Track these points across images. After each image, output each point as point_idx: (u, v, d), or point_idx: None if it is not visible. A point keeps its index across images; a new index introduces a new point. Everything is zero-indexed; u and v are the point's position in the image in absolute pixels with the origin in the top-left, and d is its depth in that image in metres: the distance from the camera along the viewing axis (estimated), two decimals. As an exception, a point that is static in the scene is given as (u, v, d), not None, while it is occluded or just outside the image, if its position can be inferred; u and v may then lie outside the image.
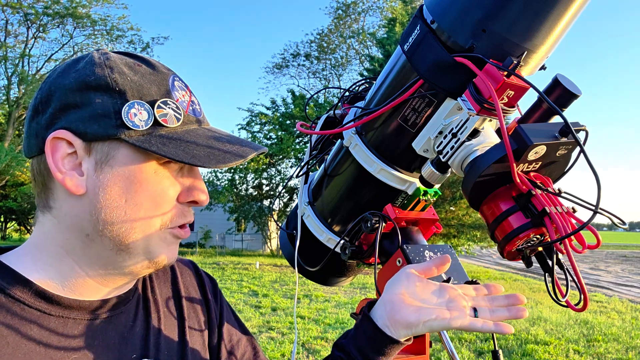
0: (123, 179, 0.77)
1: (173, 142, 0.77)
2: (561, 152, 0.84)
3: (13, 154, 24.87)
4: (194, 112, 0.83)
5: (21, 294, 0.77)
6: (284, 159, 23.70)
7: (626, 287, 16.18)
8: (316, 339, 7.31)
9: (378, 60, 19.19)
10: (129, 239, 0.78)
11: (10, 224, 38.23)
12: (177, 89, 0.82)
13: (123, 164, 0.77)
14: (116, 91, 0.76)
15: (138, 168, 0.77)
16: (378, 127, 1.05)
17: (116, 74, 0.77)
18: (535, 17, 0.82)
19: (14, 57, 28.12)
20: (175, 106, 0.80)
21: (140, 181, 0.77)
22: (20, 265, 0.80)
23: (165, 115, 0.78)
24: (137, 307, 0.89)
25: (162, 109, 0.78)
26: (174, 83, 0.82)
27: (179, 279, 1.01)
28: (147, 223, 0.79)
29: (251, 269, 16.88)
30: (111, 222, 0.77)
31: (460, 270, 1.03)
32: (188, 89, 0.84)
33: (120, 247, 0.79)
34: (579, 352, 7.12)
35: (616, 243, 79.65)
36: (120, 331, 0.84)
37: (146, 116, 0.77)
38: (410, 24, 0.94)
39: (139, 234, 0.79)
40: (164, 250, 0.82)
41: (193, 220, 0.85)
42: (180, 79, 0.85)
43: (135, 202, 0.77)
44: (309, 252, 1.24)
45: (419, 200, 1.08)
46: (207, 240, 30.20)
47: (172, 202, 0.81)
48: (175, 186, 0.81)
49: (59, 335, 0.77)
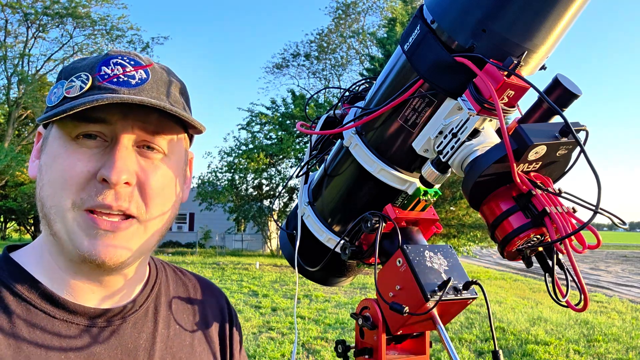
0: (49, 157, 0.79)
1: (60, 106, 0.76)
2: (561, 152, 0.84)
3: (13, 154, 24.86)
4: (115, 83, 0.78)
5: (29, 294, 0.78)
6: (284, 159, 23.70)
7: (626, 287, 16.18)
8: (316, 339, 7.31)
9: (378, 60, 19.19)
10: (51, 219, 0.77)
11: (10, 224, 38.23)
12: (110, 65, 0.80)
13: (50, 143, 0.80)
14: (59, 78, 0.81)
15: (56, 145, 0.78)
16: (378, 127, 1.05)
17: (67, 64, 0.84)
18: (535, 17, 0.82)
19: (14, 57, 28.12)
20: (86, 77, 0.78)
21: (54, 157, 0.78)
22: (29, 265, 0.81)
23: (71, 87, 0.78)
24: (145, 317, 0.88)
25: (72, 82, 0.79)
26: (108, 61, 0.80)
27: (199, 299, 1.00)
28: (58, 201, 0.76)
29: (251, 269, 16.88)
30: (42, 202, 0.78)
31: (460, 270, 1.03)
32: (136, 67, 0.80)
33: (51, 231, 0.78)
34: (579, 352, 7.11)
35: (616, 243, 79.66)
36: (124, 341, 0.83)
37: (60, 92, 0.79)
38: (411, 24, 0.94)
39: (55, 214, 0.76)
40: (84, 239, 0.76)
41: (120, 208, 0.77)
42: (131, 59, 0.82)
43: (50, 179, 0.78)
44: (309, 252, 1.24)
45: (419, 200, 1.08)
46: (207, 240, 30.20)
47: (80, 179, 0.76)
48: (87, 162, 0.76)
49: (62, 339, 0.77)
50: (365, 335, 1.06)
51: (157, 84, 0.82)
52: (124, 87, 0.78)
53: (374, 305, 1.05)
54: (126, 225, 0.78)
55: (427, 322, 1.00)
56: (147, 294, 0.90)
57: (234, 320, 1.06)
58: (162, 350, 0.87)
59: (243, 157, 22.64)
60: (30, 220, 34.34)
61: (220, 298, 1.07)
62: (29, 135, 31.24)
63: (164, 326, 0.90)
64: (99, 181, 0.76)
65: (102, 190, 0.75)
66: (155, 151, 0.82)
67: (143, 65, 0.81)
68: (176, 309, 0.95)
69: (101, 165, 0.76)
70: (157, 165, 0.82)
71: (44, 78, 30.48)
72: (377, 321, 1.03)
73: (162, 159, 0.83)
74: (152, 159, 0.82)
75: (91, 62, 0.81)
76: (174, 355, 0.88)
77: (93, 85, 0.77)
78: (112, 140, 0.78)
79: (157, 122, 0.81)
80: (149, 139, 0.81)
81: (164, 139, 0.83)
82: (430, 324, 0.99)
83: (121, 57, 0.81)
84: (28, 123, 32.39)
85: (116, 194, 0.76)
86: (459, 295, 0.98)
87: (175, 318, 0.93)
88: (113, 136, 0.78)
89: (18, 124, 30.17)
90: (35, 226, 33.93)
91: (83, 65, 0.81)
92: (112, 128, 0.78)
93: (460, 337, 7.58)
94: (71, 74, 0.80)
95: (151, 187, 0.80)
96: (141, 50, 29.37)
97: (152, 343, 0.86)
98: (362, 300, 1.09)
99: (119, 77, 0.78)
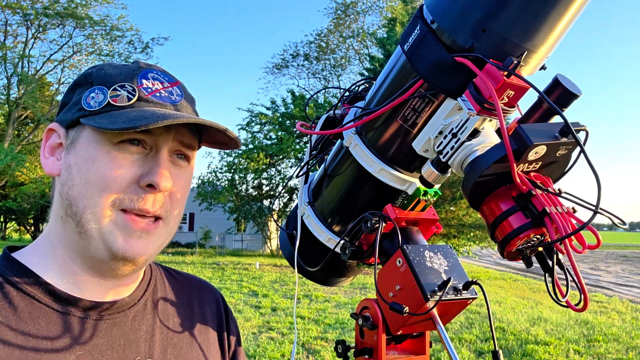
0: (81, 159, 0.81)
1: (112, 117, 0.79)
2: (561, 152, 0.84)
3: (13, 154, 24.87)
4: (159, 98, 0.84)
5: (31, 288, 0.80)
6: (284, 159, 23.70)
7: (626, 287, 16.18)
8: (316, 339, 7.31)
9: (378, 60, 19.19)
10: (83, 219, 0.80)
11: (10, 224, 38.23)
12: (149, 78, 0.85)
13: (83, 145, 0.82)
14: (89, 83, 0.84)
15: (93, 148, 0.81)
16: (378, 127, 1.05)
17: (96, 70, 0.85)
18: (535, 17, 0.82)
19: (13, 58, 28.11)
20: (131, 89, 0.83)
21: (93, 160, 0.80)
22: (31, 262, 0.83)
23: (117, 96, 0.82)
24: (144, 310, 0.91)
25: (116, 90, 0.82)
26: (147, 74, 0.85)
27: (194, 294, 1.04)
28: (96, 202, 0.79)
29: (251, 269, 16.88)
30: (71, 201, 0.81)
31: (460, 270, 1.03)
32: (171, 84, 0.87)
33: (80, 230, 0.81)
34: (579, 352, 7.12)
35: (616, 243, 79.69)
36: (125, 333, 0.86)
37: (102, 98, 0.82)
38: (410, 24, 0.94)
39: (90, 214, 0.79)
40: (118, 238, 0.80)
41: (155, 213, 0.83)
42: (164, 74, 0.88)
43: (87, 180, 0.80)
44: (309, 252, 1.24)
45: (419, 200, 1.08)
46: (207, 240, 30.21)
47: (123, 183, 0.80)
48: (130, 168, 0.81)
49: (65, 332, 0.79)
50: (365, 335, 1.06)
51: (188, 100, 0.89)
52: (169, 103, 0.85)
53: (374, 305, 1.05)
54: (156, 227, 0.84)
55: (427, 322, 1.00)
56: (144, 288, 0.93)
57: (229, 314, 1.09)
58: (163, 342, 0.90)
59: (243, 157, 22.64)
60: (30, 220, 34.33)
61: (215, 293, 1.10)
62: (28, 135, 31.23)
63: (162, 319, 0.93)
64: (143, 187, 0.81)
65: (142, 195, 0.81)
66: (185, 160, 0.89)
67: (175, 82, 0.89)
68: (173, 304, 0.98)
69: (143, 171, 0.81)
70: (182, 173, 0.88)
71: (44, 78, 30.48)
72: (377, 321, 1.03)
73: (187, 167, 0.90)
74: (180, 167, 0.88)
75: (128, 73, 0.85)
76: (174, 345, 0.92)
77: (140, 97, 0.83)
78: (151, 149, 0.83)
79: (189, 134, 0.88)
80: (183, 151, 0.88)
81: (192, 151, 0.91)
82: (430, 324, 0.99)
83: (155, 72, 0.87)
84: (28, 123, 32.40)
85: (154, 199, 0.82)
86: (459, 295, 0.98)
87: (173, 312, 0.96)
88: (153, 145, 0.83)
89: (18, 124, 30.16)
90: (35, 226, 33.94)
91: (119, 74, 0.85)
92: (155, 139, 0.83)
93: (460, 337, 7.58)
94: (107, 82, 0.83)
95: (177, 192, 0.87)
96: (141, 51, 29.38)
97: (152, 335, 0.89)
98: (362, 300, 1.09)
99: (161, 92, 0.85)
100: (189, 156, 0.90)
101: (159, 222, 0.84)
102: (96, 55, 29.21)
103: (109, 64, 0.88)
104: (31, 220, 34.45)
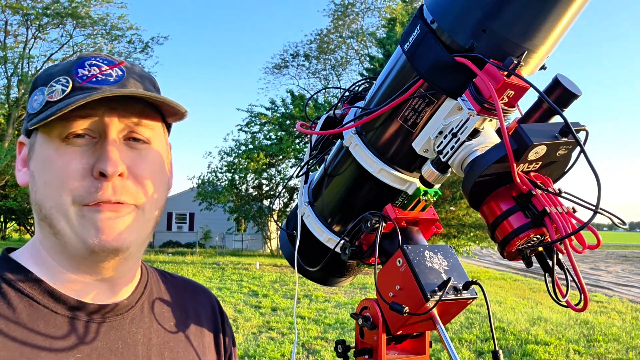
0: (39, 162, 0.81)
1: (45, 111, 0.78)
2: (561, 152, 0.84)
3: (13, 153, 24.86)
4: (95, 82, 0.81)
5: (30, 290, 0.80)
6: (284, 159, 23.70)
7: (626, 287, 16.18)
8: (316, 339, 7.31)
9: (378, 60, 19.19)
10: (53, 220, 0.79)
11: (10, 224, 38.23)
12: (85, 66, 0.83)
13: (37, 149, 0.82)
14: (35, 86, 0.83)
15: (45, 149, 0.81)
16: (378, 127, 1.05)
17: (41, 71, 0.85)
18: (535, 17, 0.82)
19: (14, 57, 28.11)
20: (65, 80, 0.81)
21: (46, 161, 0.80)
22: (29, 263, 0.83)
23: (53, 92, 0.81)
24: (141, 314, 0.91)
25: (52, 86, 0.81)
26: (83, 63, 0.83)
27: (189, 297, 1.04)
28: (58, 201, 0.79)
29: (251, 269, 16.88)
30: (39, 204, 0.81)
31: (460, 270, 1.03)
32: (111, 66, 0.84)
33: (54, 231, 0.80)
34: (579, 352, 7.12)
35: (616, 243, 79.64)
36: (123, 336, 0.85)
37: (41, 98, 0.81)
38: (410, 24, 0.94)
39: (57, 213, 0.79)
40: (90, 230, 0.78)
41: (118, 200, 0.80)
42: (104, 59, 0.85)
43: (45, 181, 0.80)
44: (309, 252, 1.24)
45: (419, 200, 1.08)
46: (207, 241, 30.19)
47: (76, 176, 0.78)
48: (80, 159, 0.79)
49: (64, 334, 0.79)
50: (365, 335, 1.06)
51: (134, 78, 0.86)
52: (105, 85, 0.81)
53: (374, 305, 1.05)
54: (127, 210, 0.81)
55: (427, 322, 1.00)
56: (141, 291, 0.93)
57: (225, 317, 1.09)
58: (160, 345, 0.90)
59: (243, 157, 22.65)
60: (30, 220, 34.33)
61: (209, 296, 1.10)
62: (29, 135, 31.14)
63: (160, 322, 0.93)
64: (96, 176, 0.78)
65: (99, 186, 0.78)
66: (141, 141, 0.85)
67: (116, 63, 0.85)
68: (169, 307, 0.97)
69: (94, 160, 0.79)
70: (144, 154, 0.85)
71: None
72: (377, 321, 1.03)
73: (148, 148, 0.86)
74: (139, 149, 0.85)
75: (66, 66, 0.84)
76: (171, 349, 0.91)
77: (74, 87, 0.80)
78: (100, 136, 0.81)
79: (139, 113, 0.84)
80: (134, 130, 0.84)
81: (147, 128, 0.86)
82: (430, 324, 0.99)
83: (94, 58, 0.85)
84: (28, 123, 32.33)
85: (113, 187, 0.79)
86: (459, 295, 0.98)
87: (170, 315, 0.96)
88: (101, 132, 0.81)
89: (18, 124, 30.13)
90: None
91: (58, 70, 0.84)
92: (99, 124, 0.80)
93: (460, 337, 7.58)
94: (48, 80, 0.82)
95: (142, 175, 0.84)
96: (141, 51, 29.39)
97: (149, 338, 0.89)
98: (362, 300, 1.09)
99: (97, 77, 0.82)
100: (147, 138, 0.86)
101: (129, 206, 0.81)
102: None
103: (54, 64, 0.87)
104: (31, 220, 34.40)
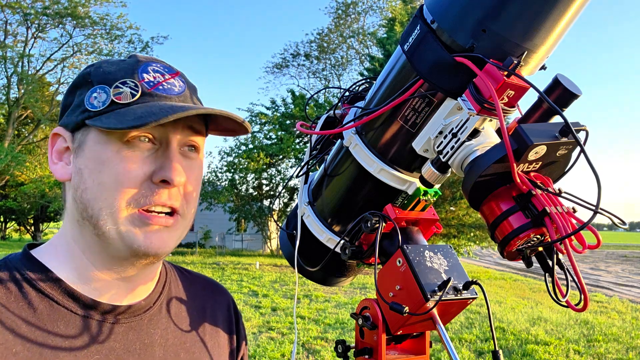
0: (91, 162, 0.80)
1: (119, 115, 0.78)
2: (561, 152, 0.84)
3: (13, 153, 24.87)
4: (162, 90, 0.83)
5: (51, 290, 0.80)
6: (284, 159, 23.69)
7: (626, 287, 16.18)
8: (316, 339, 7.31)
9: (378, 60, 19.19)
10: (100, 221, 0.79)
11: (10, 224, 38.21)
12: (149, 72, 0.84)
13: (91, 147, 0.81)
14: (89, 82, 0.82)
15: (102, 149, 0.80)
16: (378, 127, 1.05)
17: (93, 69, 0.84)
18: (535, 17, 0.82)
19: (13, 57, 28.11)
20: (134, 84, 0.81)
21: (103, 161, 0.80)
22: (51, 263, 0.83)
23: (120, 93, 0.80)
24: (159, 314, 0.91)
25: (119, 87, 0.81)
26: (146, 67, 0.84)
27: (207, 297, 1.04)
28: (111, 203, 0.79)
29: (251, 269, 16.87)
30: (86, 204, 0.80)
31: (460, 270, 1.03)
32: (172, 75, 0.86)
33: (98, 232, 0.80)
34: (579, 352, 7.11)
35: (616, 243, 79.66)
36: (141, 337, 0.86)
37: (104, 97, 0.81)
38: (411, 24, 0.94)
39: (106, 215, 0.79)
40: (138, 236, 0.80)
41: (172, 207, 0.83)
42: (163, 66, 0.87)
43: (100, 182, 0.79)
44: (309, 252, 1.24)
45: (419, 200, 1.08)
46: (207, 241, 30.18)
47: (136, 181, 0.79)
48: (142, 165, 0.80)
49: (83, 335, 0.80)
50: (365, 335, 1.06)
51: (190, 89, 0.89)
52: (173, 95, 0.84)
53: (374, 305, 1.05)
54: (175, 221, 0.84)
55: (427, 322, 1.00)
56: (159, 291, 0.93)
57: (239, 317, 1.09)
58: (177, 346, 0.90)
59: (243, 157, 22.64)
60: (30, 220, 34.33)
61: (227, 296, 1.10)
62: (29, 135, 31.25)
63: (176, 322, 0.93)
64: (156, 182, 0.80)
65: (157, 191, 0.81)
66: (195, 152, 0.88)
67: (175, 72, 0.87)
68: (186, 307, 0.98)
69: (156, 167, 0.81)
70: (193, 165, 0.87)
71: (44, 78, 30.47)
72: (377, 321, 1.03)
73: (197, 158, 0.89)
74: (191, 158, 0.87)
75: (126, 67, 0.84)
76: (187, 350, 0.92)
77: (143, 92, 0.81)
78: (161, 143, 0.82)
79: (198, 126, 0.87)
80: (193, 141, 0.87)
81: (202, 140, 0.90)
82: (430, 324, 0.99)
83: (154, 63, 0.86)
84: (28, 123, 32.40)
85: (169, 194, 0.82)
86: (458, 295, 0.98)
87: (186, 315, 0.96)
88: (163, 139, 0.82)
89: (18, 123, 30.15)
90: (35, 226, 33.92)
91: (118, 70, 0.83)
92: (164, 132, 0.82)
93: (460, 337, 7.58)
94: (106, 79, 0.82)
95: (191, 186, 0.86)
96: (141, 50, 29.35)
97: (166, 338, 0.89)
98: (362, 300, 1.09)
99: (163, 85, 0.84)
100: (198, 147, 0.89)
101: (176, 217, 0.84)
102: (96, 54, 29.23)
103: (106, 61, 0.86)
104: (31, 220, 34.43)
